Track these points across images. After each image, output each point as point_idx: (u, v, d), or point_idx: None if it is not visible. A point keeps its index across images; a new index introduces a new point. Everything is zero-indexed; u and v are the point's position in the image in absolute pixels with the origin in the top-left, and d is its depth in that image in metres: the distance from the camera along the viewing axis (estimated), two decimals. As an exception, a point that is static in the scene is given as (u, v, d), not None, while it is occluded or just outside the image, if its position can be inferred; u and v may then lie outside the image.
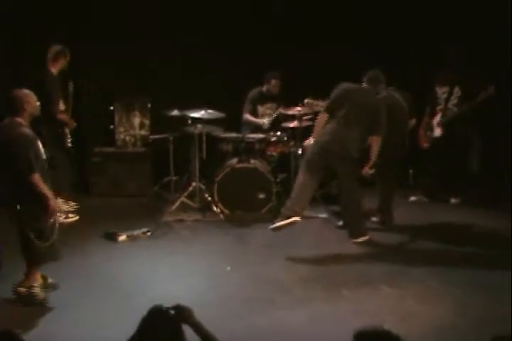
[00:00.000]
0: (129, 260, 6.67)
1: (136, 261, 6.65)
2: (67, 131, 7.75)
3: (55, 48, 7.70)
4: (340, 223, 7.63)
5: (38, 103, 5.72)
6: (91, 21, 9.09)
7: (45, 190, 5.46)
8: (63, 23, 8.89)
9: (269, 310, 5.54)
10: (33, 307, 5.57)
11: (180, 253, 6.85)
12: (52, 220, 5.57)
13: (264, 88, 8.82)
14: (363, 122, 6.95)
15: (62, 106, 7.75)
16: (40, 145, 5.61)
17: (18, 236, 5.63)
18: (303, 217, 7.16)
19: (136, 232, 7.35)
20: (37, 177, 5.41)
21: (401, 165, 7.80)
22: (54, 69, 7.69)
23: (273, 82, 8.72)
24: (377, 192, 7.77)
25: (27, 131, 5.51)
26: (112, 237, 7.25)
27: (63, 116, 7.69)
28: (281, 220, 6.97)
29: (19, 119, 5.52)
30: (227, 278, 6.14)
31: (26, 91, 5.67)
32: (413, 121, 7.99)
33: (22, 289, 5.66)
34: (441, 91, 8.55)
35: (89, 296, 5.79)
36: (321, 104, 7.70)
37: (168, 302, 3.69)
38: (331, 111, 7.03)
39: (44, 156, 5.66)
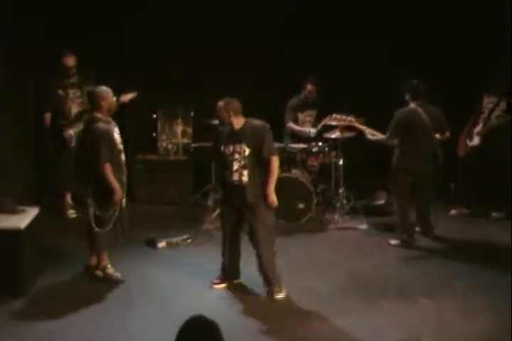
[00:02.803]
0: (167, 267, 6.72)
1: (174, 268, 6.69)
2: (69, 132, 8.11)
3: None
4: (394, 242, 7.55)
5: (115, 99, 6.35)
6: (137, 28, 9.22)
7: (113, 181, 6.00)
8: (109, 31, 9.06)
9: (306, 320, 5.54)
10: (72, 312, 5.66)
11: (219, 261, 6.87)
12: (113, 210, 6.10)
13: (302, 95, 8.84)
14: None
15: (75, 109, 8.22)
16: (117, 140, 6.16)
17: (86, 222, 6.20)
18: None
19: (175, 239, 7.41)
20: (108, 168, 5.96)
21: (437, 177, 7.64)
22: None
23: (308, 87, 8.72)
24: (414, 206, 7.67)
25: (101, 125, 6.06)
26: (151, 244, 7.32)
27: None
28: None
29: (98, 114, 6.11)
30: (264, 288, 6.14)
31: (104, 88, 6.22)
32: (446, 135, 7.76)
33: (98, 272, 6.33)
34: (488, 101, 8.44)
35: (126, 302, 5.85)
36: (348, 119, 7.72)
37: (205, 310, 3.70)
38: None
39: (121, 149, 6.22)
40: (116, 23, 9.06)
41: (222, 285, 6.20)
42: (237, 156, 5.87)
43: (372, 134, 7.60)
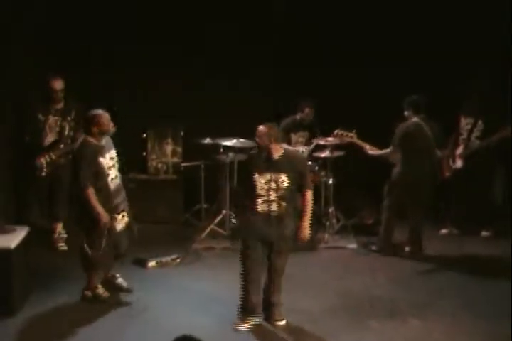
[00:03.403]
0: (157, 286, 6.70)
1: (164, 287, 6.69)
2: (41, 161, 7.58)
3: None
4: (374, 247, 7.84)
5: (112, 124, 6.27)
6: (125, 49, 9.20)
7: (95, 205, 5.92)
8: (97, 48, 9.07)
9: (296, 340, 5.55)
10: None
11: (209, 280, 6.87)
12: (104, 233, 6.03)
13: (298, 116, 8.82)
14: None
15: (51, 137, 7.74)
16: (104, 162, 6.08)
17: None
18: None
19: (165, 259, 7.40)
20: (90, 193, 5.91)
21: (432, 196, 7.76)
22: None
23: (307, 110, 8.72)
24: (409, 222, 7.77)
25: (87, 149, 6.04)
26: (141, 263, 7.31)
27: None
28: None
29: (88, 138, 6.10)
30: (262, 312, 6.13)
31: (98, 111, 6.17)
32: (440, 152, 7.89)
33: (87, 292, 6.29)
34: (466, 122, 8.47)
35: (115, 322, 5.83)
36: (350, 135, 7.72)
37: (194, 330, 3.70)
38: None
39: (107, 172, 6.12)
40: (104, 38, 9.06)
41: (248, 325, 5.74)
42: (273, 186, 5.59)
43: (372, 150, 7.68)
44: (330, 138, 8.13)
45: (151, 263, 7.30)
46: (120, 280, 6.54)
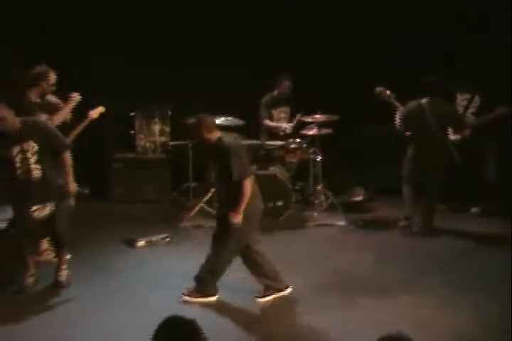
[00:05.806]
0: (146, 266, 6.71)
1: (153, 266, 6.69)
2: None
3: (36, 70, 6.55)
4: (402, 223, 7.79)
5: None
6: (116, 26, 9.18)
7: None
8: (94, 25, 9.06)
9: (284, 317, 5.57)
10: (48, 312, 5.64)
11: (198, 259, 6.86)
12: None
13: (276, 92, 8.85)
14: None
15: None
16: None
17: None
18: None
19: (154, 238, 7.41)
20: None
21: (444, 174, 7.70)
22: (33, 95, 6.54)
23: (285, 83, 8.74)
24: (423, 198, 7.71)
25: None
26: (130, 243, 7.31)
27: None
28: None
29: None
30: (242, 285, 6.14)
31: None
32: (464, 132, 7.77)
33: None
34: (462, 98, 8.49)
35: (105, 302, 5.82)
36: (389, 94, 7.64)
37: (183, 309, 3.70)
38: None
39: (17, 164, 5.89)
40: (92, 19, 9.02)
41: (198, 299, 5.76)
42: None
43: None
44: (317, 115, 8.15)
45: (140, 243, 7.30)
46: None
